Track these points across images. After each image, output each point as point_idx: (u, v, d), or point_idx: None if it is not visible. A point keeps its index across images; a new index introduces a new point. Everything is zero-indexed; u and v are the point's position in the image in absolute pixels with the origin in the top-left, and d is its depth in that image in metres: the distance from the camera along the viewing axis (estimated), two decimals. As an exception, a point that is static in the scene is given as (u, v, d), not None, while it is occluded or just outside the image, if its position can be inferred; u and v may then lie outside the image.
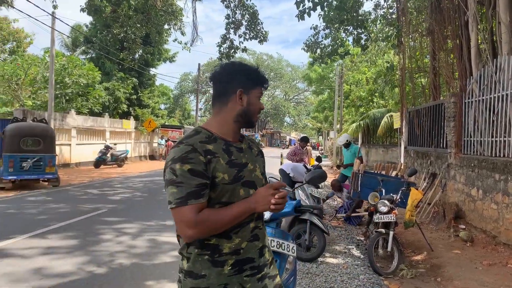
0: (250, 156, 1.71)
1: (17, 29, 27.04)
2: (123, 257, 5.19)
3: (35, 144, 11.56)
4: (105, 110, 23.33)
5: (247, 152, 1.71)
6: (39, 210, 8.14)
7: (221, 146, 1.62)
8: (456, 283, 4.46)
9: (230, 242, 1.58)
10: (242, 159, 1.66)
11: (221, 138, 1.64)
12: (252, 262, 1.63)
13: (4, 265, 4.74)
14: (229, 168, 1.58)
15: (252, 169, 1.68)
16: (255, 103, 1.70)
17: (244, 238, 1.61)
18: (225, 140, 1.65)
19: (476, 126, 6.99)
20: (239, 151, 1.67)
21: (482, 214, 6.33)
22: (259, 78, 1.73)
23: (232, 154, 1.63)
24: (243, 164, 1.64)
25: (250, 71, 1.72)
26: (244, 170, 1.63)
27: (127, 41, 15.98)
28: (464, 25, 7.87)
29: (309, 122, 56.95)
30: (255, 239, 1.65)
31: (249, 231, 1.62)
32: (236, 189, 1.60)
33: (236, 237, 1.59)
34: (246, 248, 1.61)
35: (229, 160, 1.60)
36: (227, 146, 1.63)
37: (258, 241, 1.66)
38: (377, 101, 22.77)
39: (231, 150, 1.63)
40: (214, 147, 1.59)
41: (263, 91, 1.77)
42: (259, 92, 1.72)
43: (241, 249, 1.60)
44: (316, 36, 12.37)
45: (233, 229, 1.58)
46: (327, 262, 5.25)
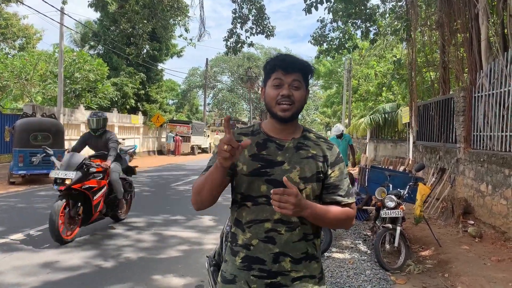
0: (292, 157, 1.58)
1: (27, 25, 27.24)
2: (130, 251, 5.23)
3: (44, 139, 11.66)
4: (114, 105, 23.46)
5: (289, 152, 1.59)
6: (48, 204, 8.22)
7: (258, 139, 1.60)
8: (464, 279, 4.42)
9: (243, 234, 1.57)
10: (277, 156, 1.57)
11: (264, 133, 1.63)
12: (262, 264, 1.55)
13: (14, 259, 4.80)
14: (251, 161, 1.55)
15: (287, 170, 1.55)
16: (270, 92, 1.58)
17: (256, 236, 1.55)
18: (268, 135, 1.62)
19: (486, 121, 6.90)
20: (278, 149, 1.59)
21: (491, 209, 6.26)
22: (272, 64, 1.60)
23: (265, 149, 1.58)
24: (275, 161, 1.56)
25: (266, 63, 1.64)
26: (274, 168, 1.55)
27: (134, 37, 16.03)
28: (474, 18, 7.74)
29: (317, 117, 56.74)
30: (270, 242, 1.54)
31: (263, 230, 1.54)
32: (255, 183, 1.55)
33: (249, 231, 1.56)
34: (257, 247, 1.55)
35: (256, 154, 1.57)
36: (265, 141, 1.60)
37: (273, 245, 1.54)
38: (385, 96, 22.60)
39: (268, 145, 1.59)
40: (248, 139, 1.55)
41: (284, 75, 1.56)
42: (274, 78, 1.57)
43: (251, 246, 1.55)
44: (323, 29, 12.30)
45: (247, 223, 1.56)
46: (334, 257, 5.24)
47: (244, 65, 48.30)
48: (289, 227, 1.54)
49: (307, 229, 1.58)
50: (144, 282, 4.22)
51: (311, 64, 1.66)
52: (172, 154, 27.01)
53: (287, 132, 1.62)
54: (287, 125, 1.61)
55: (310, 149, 1.61)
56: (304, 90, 1.60)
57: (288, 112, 1.55)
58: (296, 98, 1.56)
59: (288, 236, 1.54)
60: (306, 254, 1.58)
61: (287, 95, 1.54)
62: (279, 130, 1.62)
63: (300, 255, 1.57)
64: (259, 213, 1.55)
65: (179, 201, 9.23)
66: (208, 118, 45.83)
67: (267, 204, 1.52)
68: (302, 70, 1.59)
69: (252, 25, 13.35)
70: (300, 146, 1.61)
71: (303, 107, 1.63)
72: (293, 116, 1.58)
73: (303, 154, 1.59)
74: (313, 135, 1.67)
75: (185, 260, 4.99)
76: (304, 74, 1.60)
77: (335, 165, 1.63)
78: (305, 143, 1.62)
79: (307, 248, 1.59)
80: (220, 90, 53.89)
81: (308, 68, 1.62)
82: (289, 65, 1.57)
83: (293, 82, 1.56)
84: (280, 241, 1.53)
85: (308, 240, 1.59)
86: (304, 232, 1.57)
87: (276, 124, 1.61)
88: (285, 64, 1.57)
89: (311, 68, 1.64)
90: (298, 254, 1.56)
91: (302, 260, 1.57)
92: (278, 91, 1.55)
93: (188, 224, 6.98)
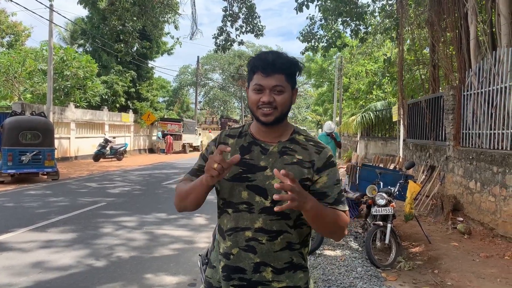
0: (276, 162, 1.47)
1: (15, 22, 26.85)
2: (122, 250, 5.21)
3: (34, 138, 11.54)
4: (104, 103, 23.28)
5: (272, 156, 1.48)
6: (38, 204, 8.16)
7: (243, 142, 1.54)
8: (453, 275, 4.49)
9: (224, 242, 1.51)
10: (260, 161, 1.48)
11: (251, 135, 1.55)
12: (242, 273, 1.47)
13: (4, 259, 4.75)
14: (233, 165, 1.41)
15: (269, 176, 1.45)
16: (252, 96, 1.47)
17: (236, 244, 1.47)
18: (254, 138, 1.53)
19: (475, 119, 6.99)
20: (262, 152, 1.50)
21: (480, 206, 6.35)
22: (252, 64, 1.48)
23: (249, 153, 1.50)
24: (258, 167, 1.47)
25: (248, 62, 1.52)
26: (256, 173, 1.46)
27: (124, 34, 15.90)
28: (463, 17, 7.83)
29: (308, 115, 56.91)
30: (250, 251, 1.46)
31: (243, 239, 1.46)
32: (236, 189, 1.47)
33: (229, 239, 1.49)
34: (237, 256, 1.47)
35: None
36: (250, 144, 1.52)
37: (254, 255, 1.46)
38: (376, 94, 22.75)
39: (252, 149, 1.51)
40: (234, 142, 1.55)
41: (264, 77, 1.43)
42: (254, 83, 1.46)
43: (231, 254, 1.48)
44: (312, 27, 12.35)
45: (228, 230, 1.49)
46: (325, 254, 5.27)
47: (235, 63, 48.24)
48: (271, 236, 1.45)
49: (291, 238, 1.48)
50: (136, 281, 4.21)
51: (298, 61, 1.52)
52: (163, 152, 26.89)
53: (273, 135, 1.52)
54: (273, 128, 1.51)
55: (296, 154, 1.49)
56: (289, 92, 1.48)
57: (270, 117, 1.45)
58: (278, 103, 1.44)
59: (269, 245, 1.46)
60: (290, 264, 1.49)
61: (268, 102, 1.43)
62: (265, 133, 1.53)
63: (283, 265, 1.48)
64: (239, 220, 1.47)
65: (170, 199, 9.20)
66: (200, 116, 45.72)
67: (248, 212, 1.46)
68: (286, 70, 1.46)
69: (242, 24, 13.36)
70: (285, 151, 1.49)
71: (289, 109, 1.52)
72: (276, 121, 1.47)
73: (287, 160, 1.48)
74: (303, 138, 1.54)
75: (177, 259, 4.99)
76: (288, 74, 1.47)
77: (323, 170, 1.49)
78: (291, 147, 1.51)
79: (291, 258, 1.50)
80: (212, 88, 53.79)
81: (293, 66, 1.49)
82: (270, 66, 1.43)
83: (274, 87, 1.44)
84: (261, 251, 1.46)
85: (293, 249, 1.50)
86: (288, 241, 1.48)
87: (260, 126, 1.52)
88: (265, 65, 1.44)
89: (297, 66, 1.50)
90: (280, 264, 1.48)
91: (285, 270, 1.48)
92: (259, 97, 1.44)
93: (180, 222, 6.97)
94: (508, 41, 6.45)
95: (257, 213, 1.45)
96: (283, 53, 1.50)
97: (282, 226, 1.45)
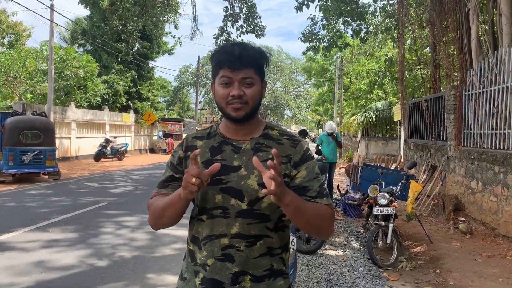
0: (250, 160, 1.35)
1: (16, 22, 26.87)
2: (124, 250, 5.21)
3: (35, 138, 11.55)
4: (105, 103, 23.29)
5: (246, 154, 1.39)
6: (40, 204, 8.16)
7: (213, 143, 1.43)
8: (455, 275, 4.49)
9: (200, 252, 1.40)
10: (233, 161, 1.38)
11: (221, 134, 1.45)
12: (220, 286, 1.35)
13: (5, 259, 4.76)
14: (204, 168, 1.33)
15: (244, 176, 1.35)
16: (219, 91, 1.37)
17: (211, 254, 1.36)
18: (224, 137, 1.44)
19: (476, 119, 6.99)
20: (234, 151, 1.40)
21: (482, 206, 6.36)
22: (217, 59, 1.38)
23: (220, 153, 1.40)
24: (231, 167, 1.37)
25: (211, 55, 1.41)
26: (230, 174, 1.36)
27: (125, 34, 15.91)
28: (464, 17, 7.83)
29: (309, 115, 56.90)
30: (227, 260, 1.34)
31: (219, 247, 1.34)
32: (209, 193, 1.36)
33: (204, 249, 1.38)
34: (213, 267, 1.35)
35: (209, 160, 1.39)
36: (221, 144, 1.42)
37: (231, 264, 1.33)
38: (377, 94, 22.74)
39: (223, 149, 1.41)
40: (203, 143, 1.44)
41: (231, 72, 1.34)
42: (221, 76, 1.36)
43: (207, 265, 1.36)
44: (313, 27, 12.36)
45: (204, 239, 1.38)
46: (327, 254, 5.28)
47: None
48: (249, 242, 1.34)
49: (272, 243, 1.38)
50: (139, 280, 4.21)
51: (266, 52, 1.43)
52: (164, 152, 26.91)
53: (245, 132, 1.43)
54: (244, 125, 1.41)
55: (270, 150, 1.38)
56: (258, 85, 1.39)
57: (241, 112, 1.36)
58: (249, 96, 1.35)
59: (248, 252, 1.34)
60: (270, 271, 1.38)
61: (238, 96, 1.34)
62: (236, 131, 1.43)
63: (263, 272, 1.37)
64: (214, 227, 1.36)
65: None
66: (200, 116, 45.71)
67: (223, 217, 1.35)
68: (255, 63, 1.37)
69: (243, 24, 13.36)
70: (259, 147, 1.40)
71: (260, 103, 1.43)
72: (248, 116, 1.38)
73: (262, 156, 1.37)
74: (276, 132, 1.46)
75: (179, 258, 4.99)
76: (257, 67, 1.38)
77: (300, 164, 1.40)
78: (265, 143, 1.42)
79: (272, 264, 1.38)
80: (212, 88, 53.72)
81: (262, 58, 1.40)
82: (237, 60, 1.33)
83: (243, 80, 1.35)
84: (240, 259, 1.34)
85: (273, 254, 1.39)
86: (268, 246, 1.37)
87: (230, 124, 1.42)
88: (232, 59, 1.34)
89: (264, 58, 1.41)
90: (260, 272, 1.36)
91: (265, 277, 1.37)
92: (228, 91, 1.35)
93: (181, 222, 6.90)
94: (509, 41, 6.45)
95: (233, 218, 1.34)
96: (249, 44, 1.41)
97: (262, 230, 1.35)
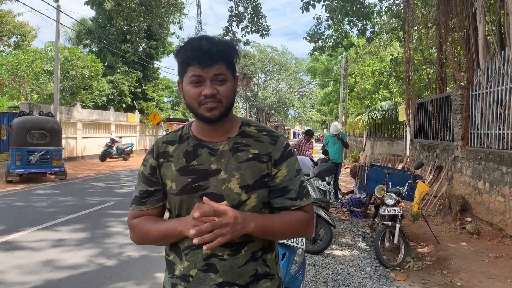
0: (229, 162, 1.28)
1: (22, 22, 27.03)
2: (131, 250, 5.24)
3: (41, 138, 11.64)
4: (110, 103, 23.40)
5: (224, 156, 1.29)
6: (47, 203, 8.22)
7: (186, 147, 1.33)
8: (462, 276, 4.48)
9: (180, 263, 1.30)
10: (211, 164, 1.28)
11: (194, 136, 1.34)
12: None
13: (15, 258, 4.80)
14: (179, 176, 1.28)
15: (224, 179, 1.27)
16: (190, 91, 1.26)
17: (193, 264, 1.27)
18: (199, 139, 1.33)
19: (483, 119, 6.96)
20: (211, 154, 1.30)
21: (489, 206, 6.33)
22: (184, 56, 1.25)
23: (196, 158, 1.30)
24: (209, 171, 1.28)
25: (177, 52, 1.29)
26: (209, 179, 1.27)
27: (130, 34, 15.98)
28: (471, 16, 7.79)
29: (313, 115, 56.85)
30: (211, 270, 1.26)
31: (201, 257, 1.26)
32: (189, 202, 1.27)
33: (186, 259, 1.28)
34: (196, 278, 1.26)
35: (185, 166, 1.30)
36: (195, 148, 1.31)
37: (215, 274, 1.25)
38: (382, 93, 22.69)
39: (199, 152, 1.31)
40: (175, 148, 1.33)
41: (202, 69, 1.23)
42: (191, 75, 1.25)
43: (189, 276, 1.27)
44: (319, 27, 12.35)
45: (185, 249, 1.28)
46: (334, 254, 5.28)
47: (240, 63, 48.26)
48: (233, 250, 1.26)
49: (254, 247, 1.30)
50: (147, 280, 4.24)
51: (235, 45, 1.34)
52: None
53: (220, 132, 1.32)
54: (218, 125, 1.30)
55: (250, 149, 1.31)
56: (231, 81, 1.29)
57: (215, 111, 1.25)
58: (223, 94, 1.26)
59: (232, 261, 1.27)
60: (254, 277, 1.30)
61: (211, 95, 1.24)
62: (210, 132, 1.32)
63: (248, 279, 1.29)
64: None
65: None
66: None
67: None
68: (225, 57, 1.27)
69: (248, 24, 13.39)
70: (237, 147, 1.30)
71: (234, 100, 1.33)
72: (223, 115, 1.28)
73: (241, 157, 1.29)
74: (254, 129, 1.36)
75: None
76: (228, 61, 1.28)
77: (281, 162, 1.31)
78: (243, 141, 1.32)
79: (256, 269, 1.31)
80: (216, 88, 53.79)
81: (231, 52, 1.29)
82: (206, 56, 1.23)
83: (215, 77, 1.25)
84: (224, 268, 1.26)
85: (256, 259, 1.31)
86: (252, 252, 1.30)
87: (203, 125, 1.32)
88: (201, 55, 1.23)
89: (234, 51, 1.31)
90: (245, 280, 1.28)
91: (249, 284, 1.29)
92: (199, 90, 1.24)
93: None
94: (517, 41, 6.41)
95: None
96: (215, 36, 1.30)
97: (246, 236, 1.24)
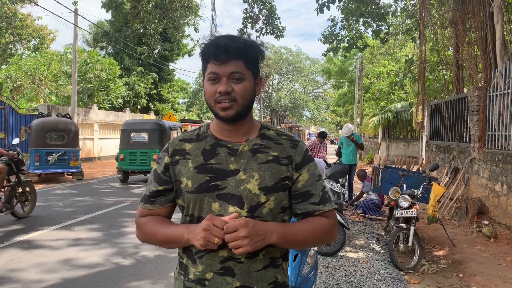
0: (249, 163, 1.26)
1: (41, 26, 27.64)
2: (147, 250, 5.32)
3: (59, 139, 11.89)
4: (126, 105, 23.74)
5: (244, 157, 1.27)
6: (65, 203, 8.39)
7: (204, 145, 1.31)
8: (478, 279, 4.42)
9: (194, 267, 1.27)
10: (229, 164, 1.26)
11: (213, 136, 1.33)
12: None
13: (35, 256, 4.93)
14: (197, 174, 1.26)
15: (243, 180, 1.24)
16: (208, 88, 1.26)
17: (209, 268, 1.24)
18: (217, 139, 1.31)
19: (501, 120, 6.84)
20: (230, 154, 1.28)
21: (507, 209, 6.23)
22: (203, 52, 1.26)
23: (214, 156, 1.28)
24: (228, 171, 1.25)
25: (201, 50, 1.29)
26: (227, 179, 1.24)
27: (146, 37, 16.20)
28: (488, 16, 7.68)
29: (328, 116, 56.57)
30: (228, 274, 1.22)
31: (218, 260, 1.23)
32: (205, 201, 1.25)
33: (200, 262, 1.25)
34: (213, 281, 1.23)
35: (202, 164, 1.27)
36: (214, 146, 1.30)
37: (232, 278, 1.22)
38: (398, 94, 22.46)
39: (217, 151, 1.28)
40: (193, 146, 1.32)
41: (218, 65, 1.23)
42: (209, 72, 1.25)
43: (205, 280, 1.24)
44: (334, 28, 12.32)
45: (199, 252, 1.25)
46: (347, 256, 5.27)
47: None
48: (250, 253, 1.21)
49: (274, 252, 1.28)
50: (162, 279, 4.30)
51: (258, 45, 1.31)
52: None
53: (240, 133, 1.31)
54: (237, 125, 1.30)
55: (270, 151, 1.29)
56: (250, 80, 1.27)
57: (230, 111, 1.24)
58: (238, 93, 1.23)
59: (249, 264, 1.23)
60: (274, 284, 1.28)
61: (225, 92, 1.22)
62: (229, 132, 1.31)
63: (267, 286, 1.26)
64: None
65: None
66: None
67: None
68: (243, 55, 1.24)
69: (262, 25, 13.44)
70: (258, 149, 1.29)
71: (253, 101, 1.31)
72: (238, 115, 1.26)
73: (261, 158, 1.27)
74: (273, 132, 1.35)
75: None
76: (248, 60, 1.25)
77: (302, 166, 1.31)
78: (263, 143, 1.30)
79: (276, 277, 1.28)
80: (231, 89, 54.00)
81: (252, 51, 1.27)
82: (223, 52, 1.22)
83: (232, 74, 1.23)
84: (241, 272, 1.23)
85: (277, 266, 1.29)
86: (271, 257, 1.27)
87: (222, 125, 1.30)
88: (217, 51, 1.22)
89: (257, 50, 1.28)
90: (264, 286, 1.25)
91: None
92: (216, 87, 1.24)
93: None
94: (536, 41, 6.30)
95: None
96: (240, 36, 1.29)
97: None
